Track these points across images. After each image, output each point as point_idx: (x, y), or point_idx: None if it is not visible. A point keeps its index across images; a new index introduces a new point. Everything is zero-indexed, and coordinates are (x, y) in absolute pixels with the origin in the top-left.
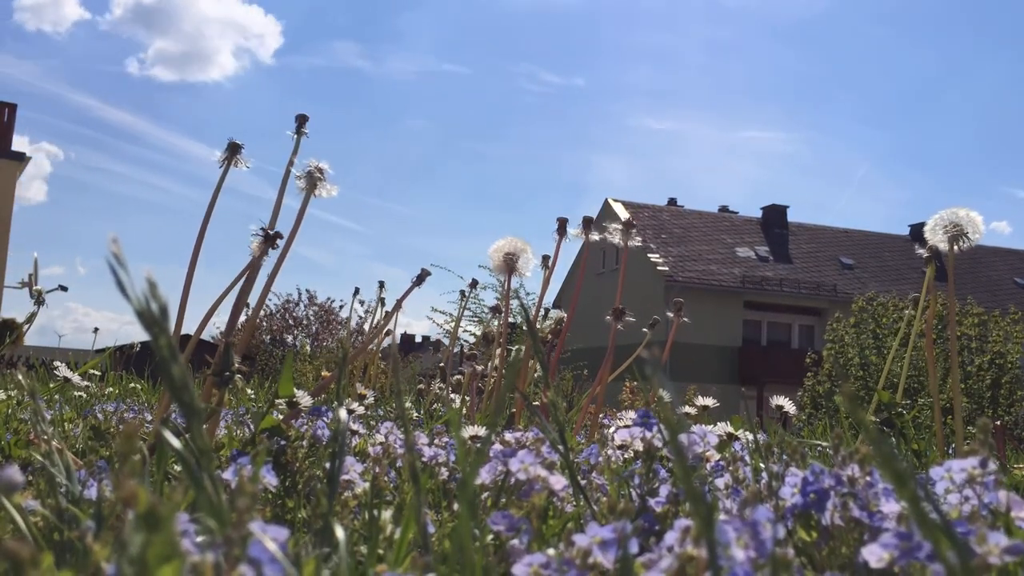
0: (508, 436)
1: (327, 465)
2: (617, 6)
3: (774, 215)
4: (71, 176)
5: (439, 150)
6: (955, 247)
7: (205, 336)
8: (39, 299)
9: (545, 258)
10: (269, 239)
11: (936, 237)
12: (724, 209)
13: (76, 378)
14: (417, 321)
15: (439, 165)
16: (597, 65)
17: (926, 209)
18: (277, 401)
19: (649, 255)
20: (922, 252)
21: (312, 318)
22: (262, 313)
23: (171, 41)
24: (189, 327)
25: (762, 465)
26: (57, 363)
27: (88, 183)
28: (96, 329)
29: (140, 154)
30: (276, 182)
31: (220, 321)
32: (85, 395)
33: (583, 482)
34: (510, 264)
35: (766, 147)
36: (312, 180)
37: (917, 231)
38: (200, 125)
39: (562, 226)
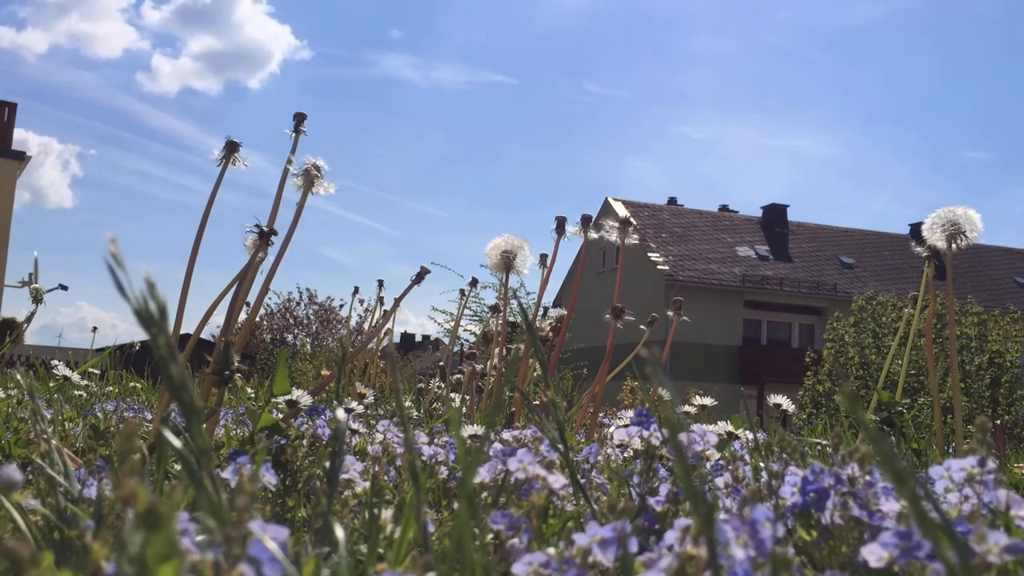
0: (506, 435)
1: (327, 464)
2: (664, 12)
3: (774, 214)
4: (104, 178)
5: (478, 155)
6: (953, 246)
7: (205, 335)
8: (38, 298)
9: (543, 256)
10: (264, 236)
11: (934, 236)
12: (724, 208)
13: (75, 377)
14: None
15: (476, 170)
16: (641, 71)
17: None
18: (275, 400)
19: (649, 254)
20: (920, 251)
21: (312, 317)
22: (262, 312)
23: (212, 43)
24: (190, 326)
25: (762, 464)
26: (56, 362)
27: (123, 185)
28: (95, 328)
29: (176, 156)
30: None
31: (220, 320)
32: (85, 394)
33: (583, 481)
34: (507, 262)
35: (803, 152)
36: (309, 178)
37: (917, 230)
38: (240, 129)
39: (560, 224)
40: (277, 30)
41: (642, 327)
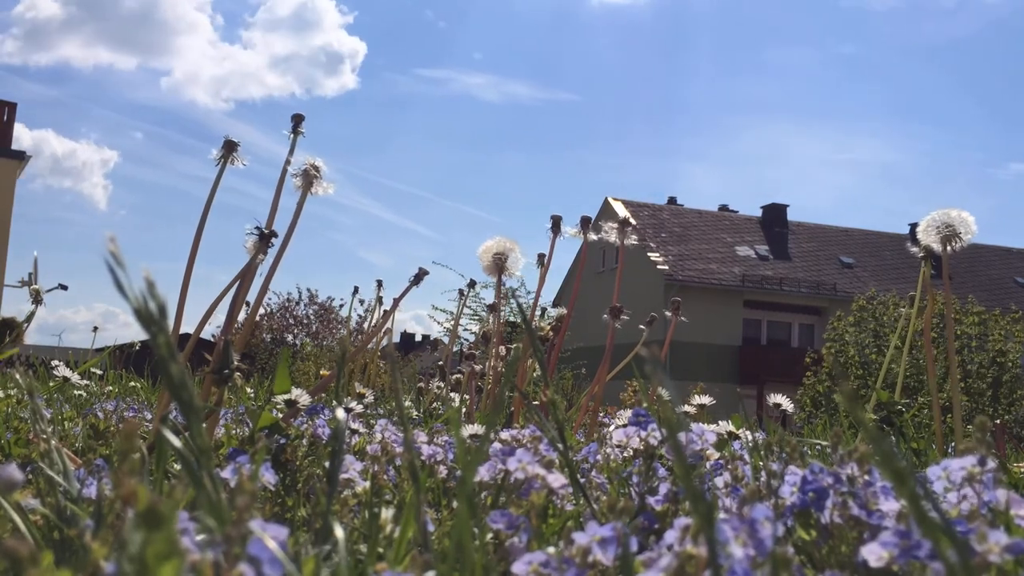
0: (506, 434)
1: (326, 463)
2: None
3: (774, 214)
4: (162, 183)
5: (533, 160)
6: (948, 247)
7: (205, 335)
8: (37, 298)
9: (541, 256)
10: (264, 238)
11: (929, 238)
12: (724, 208)
13: (75, 377)
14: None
15: (531, 174)
16: (707, 76)
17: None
18: (275, 399)
19: (649, 254)
20: (916, 251)
21: (312, 317)
22: (262, 311)
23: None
24: (190, 326)
25: (761, 464)
26: (55, 362)
27: (183, 190)
28: (95, 328)
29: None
30: (357, 189)
31: (220, 320)
32: (85, 394)
33: (582, 480)
34: (499, 264)
35: (868, 159)
36: (308, 178)
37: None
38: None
39: (556, 224)
40: (347, 40)
41: (641, 327)
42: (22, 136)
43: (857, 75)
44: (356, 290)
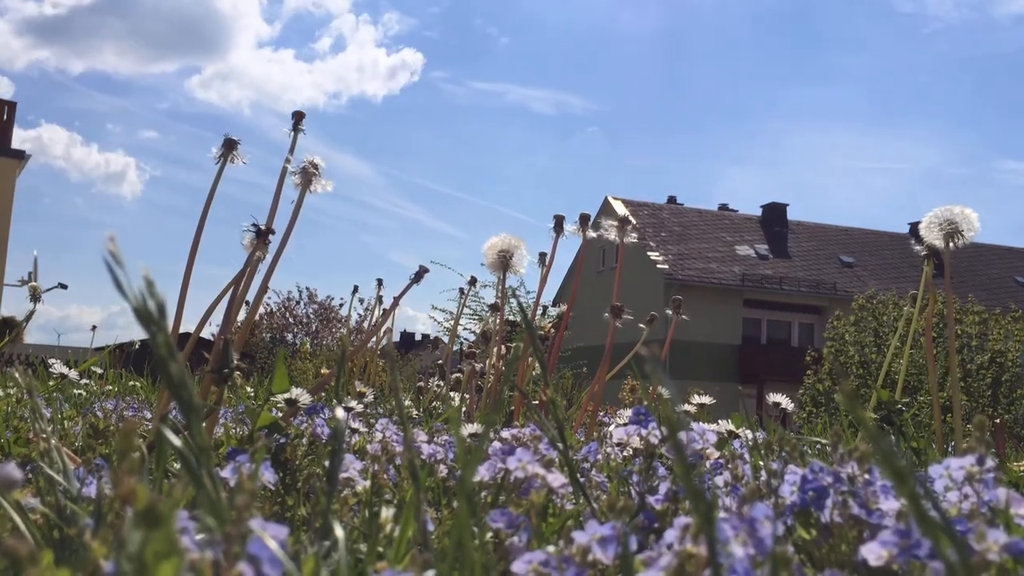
0: (506, 433)
1: (326, 463)
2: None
3: (774, 213)
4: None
5: (576, 165)
6: (950, 244)
7: (205, 334)
8: (36, 296)
9: (542, 255)
10: (262, 235)
11: (932, 235)
12: (724, 207)
13: (73, 374)
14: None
15: (571, 178)
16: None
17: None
18: (274, 399)
19: (649, 253)
20: (919, 249)
21: (312, 316)
22: (262, 311)
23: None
24: (190, 325)
25: (761, 463)
26: (53, 360)
27: (231, 195)
28: (95, 328)
29: (272, 163)
30: (399, 192)
31: (220, 319)
32: (84, 393)
33: (582, 479)
34: (504, 261)
35: (913, 166)
36: (307, 176)
37: (916, 229)
38: (351, 140)
39: (559, 223)
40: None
41: (641, 326)
42: (55, 142)
43: (901, 83)
44: (356, 289)
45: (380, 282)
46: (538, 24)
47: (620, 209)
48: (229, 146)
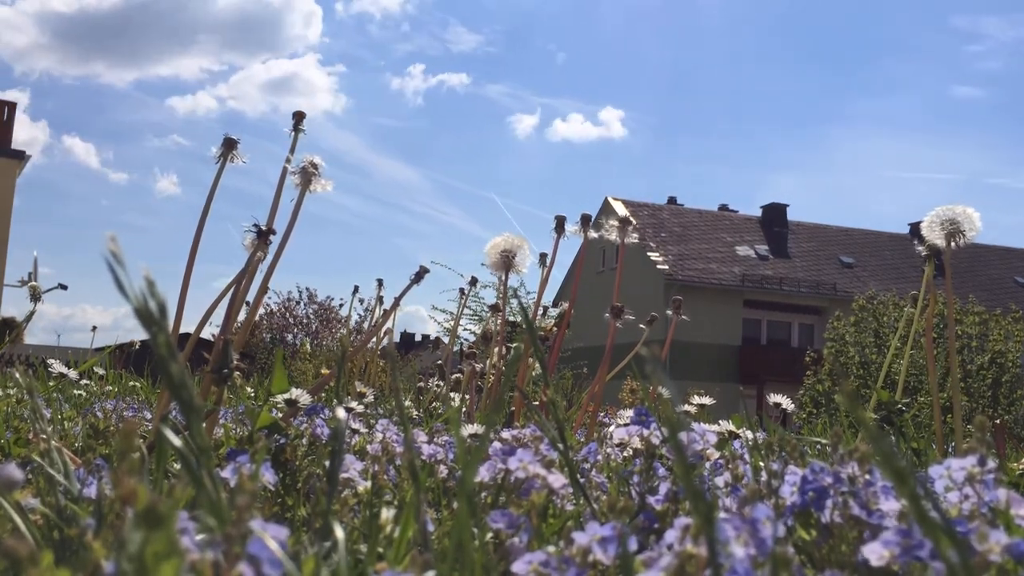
0: (506, 434)
1: (326, 463)
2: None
3: (774, 213)
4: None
5: (621, 169)
6: (952, 244)
7: (205, 334)
8: (36, 296)
9: (543, 256)
10: (262, 235)
11: (933, 234)
12: (724, 207)
13: (72, 373)
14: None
15: (617, 181)
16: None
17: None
18: (273, 399)
19: (649, 254)
20: (921, 249)
21: (312, 316)
22: (262, 311)
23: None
24: (190, 325)
25: (762, 463)
26: (52, 361)
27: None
28: (95, 328)
29: (343, 177)
30: (443, 197)
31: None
32: (84, 394)
33: (582, 480)
34: (507, 261)
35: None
36: (307, 176)
37: (917, 229)
38: (382, 141)
39: (560, 224)
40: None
41: (641, 326)
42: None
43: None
44: (356, 289)
45: (380, 282)
46: (592, 38)
47: (620, 210)
48: (229, 145)
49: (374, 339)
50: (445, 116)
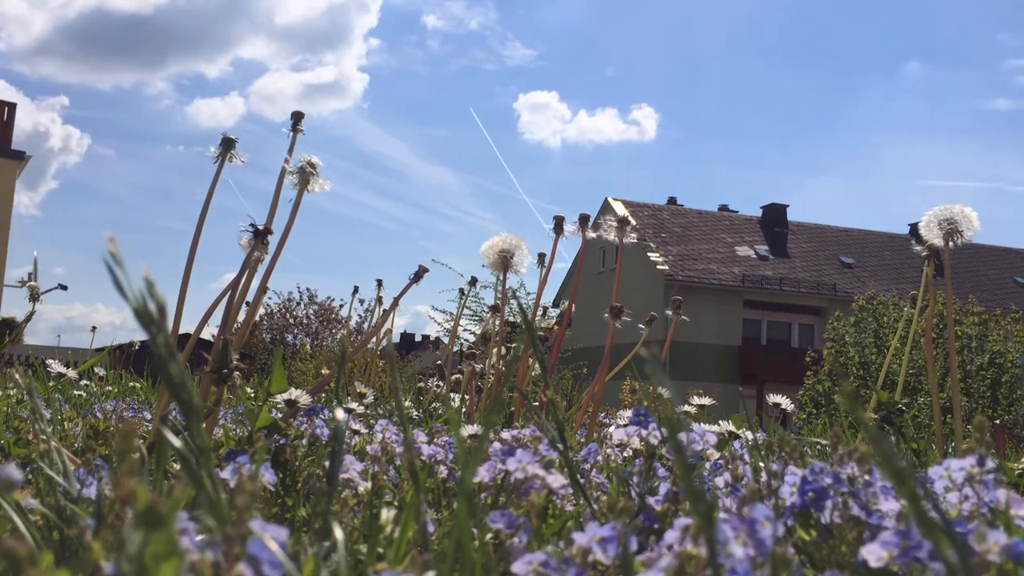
0: (506, 434)
1: (326, 464)
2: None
3: (774, 214)
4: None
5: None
6: (950, 243)
7: (205, 335)
8: (35, 296)
9: (542, 256)
10: (259, 235)
11: (931, 234)
12: (724, 208)
13: (71, 372)
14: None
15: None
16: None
17: None
18: (272, 399)
19: (649, 254)
20: (920, 250)
21: (312, 317)
22: (262, 312)
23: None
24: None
25: (761, 464)
26: (50, 361)
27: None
28: (94, 328)
29: (374, 180)
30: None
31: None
32: (84, 394)
33: (582, 480)
34: (505, 261)
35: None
36: (305, 175)
37: (916, 229)
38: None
39: (558, 224)
40: None
41: (641, 327)
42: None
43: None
44: (356, 290)
45: (380, 283)
46: (592, 37)
47: (620, 210)
48: (227, 145)
49: (374, 339)
50: (489, 123)
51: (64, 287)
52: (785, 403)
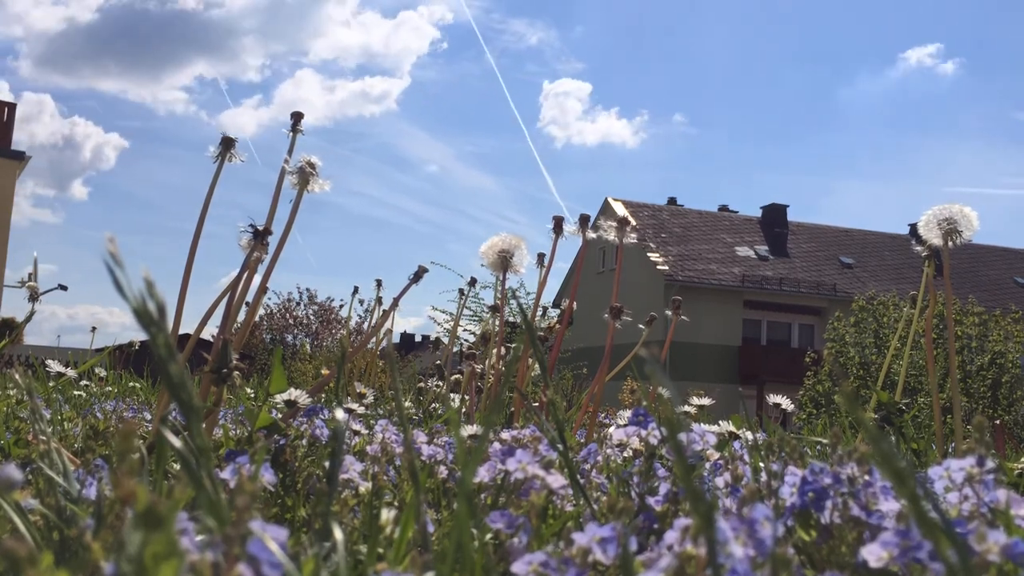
0: (506, 435)
1: (326, 464)
2: None
3: (774, 214)
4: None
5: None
6: (949, 243)
7: (205, 335)
8: (34, 296)
9: (541, 256)
10: (259, 235)
11: (930, 233)
12: (724, 208)
13: (71, 373)
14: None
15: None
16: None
17: None
18: (272, 400)
19: (649, 254)
20: (920, 250)
21: (312, 317)
22: (262, 312)
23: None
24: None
25: (761, 464)
26: (49, 361)
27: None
28: (94, 328)
29: (395, 177)
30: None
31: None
32: (84, 394)
33: (582, 481)
34: (504, 261)
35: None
36: (304, 176)
37: (916, 229)
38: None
39: (558, 224)
40: None
41: (641, 327)
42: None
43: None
44: (356, 290)
45: (379, 283)
46: (592, 39)
47: (620, 210)
48: (227, 144)
49: (374, 340)
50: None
51: (64, 287)
52: (785, 403)
